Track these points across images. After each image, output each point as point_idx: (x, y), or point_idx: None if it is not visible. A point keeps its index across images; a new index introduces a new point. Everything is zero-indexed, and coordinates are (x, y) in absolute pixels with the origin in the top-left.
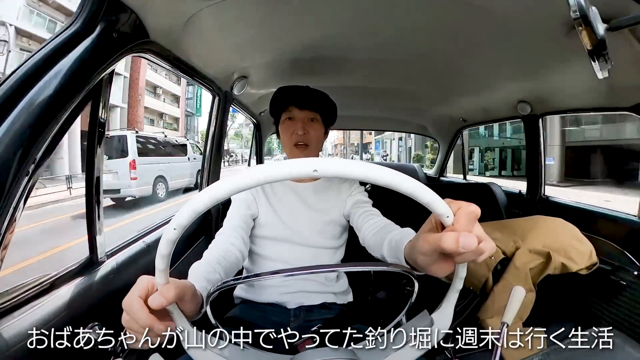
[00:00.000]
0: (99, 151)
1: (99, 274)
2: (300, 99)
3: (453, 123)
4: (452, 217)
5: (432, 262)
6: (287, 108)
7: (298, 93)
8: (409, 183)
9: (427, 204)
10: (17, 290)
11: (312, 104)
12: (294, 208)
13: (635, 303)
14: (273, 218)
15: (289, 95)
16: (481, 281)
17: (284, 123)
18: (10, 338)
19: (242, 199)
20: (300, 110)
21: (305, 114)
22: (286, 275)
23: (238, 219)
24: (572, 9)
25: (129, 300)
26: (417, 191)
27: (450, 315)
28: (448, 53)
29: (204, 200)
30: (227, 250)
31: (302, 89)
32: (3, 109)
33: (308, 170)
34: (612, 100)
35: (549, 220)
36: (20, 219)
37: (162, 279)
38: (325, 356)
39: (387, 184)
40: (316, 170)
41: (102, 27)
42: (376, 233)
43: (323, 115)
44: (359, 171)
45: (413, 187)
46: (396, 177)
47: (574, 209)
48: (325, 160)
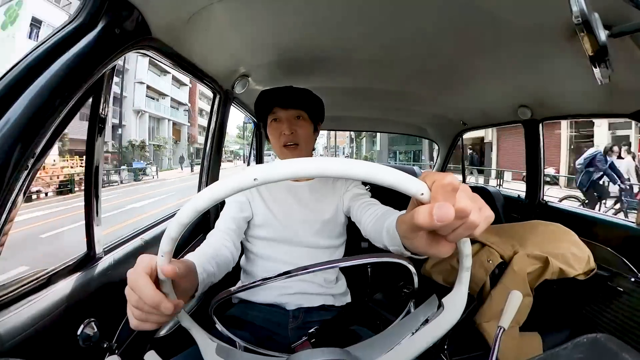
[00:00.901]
0: (98, 146)
1: (96, 270)
2: (283, 99)
3: (453, 126)
4: (428, 193)
5: (426, 244)
6: (271, 110)
7: (280, 93)
8: (366, 169)
9: (395, 185)
10: (14, 284)
11: (295, 102)
12: (290, 208)
13: (632, 309)
14: (269, 219)
15: (272, 96)
16: (479, 285)
17: (270, 125)
18: (6, 332)
19: (235, 200)
20: (284, 109)
21: (290, 113)
22: (286, 278)
23: (230, 221)
24: (574, 15)
25: (135, 275)
26: (378, 175)
27: (464, 297)
28: (450, 56)
29: (229, 186)
30: (219, 249)
31: (283, 89)
32: (4, 102)
33: (312, 169)
34: (612, 107)
35: (548, 226)
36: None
37: (165, 262)
38: (320, 357)
39: (340, 175)
40: (319, 170)
41: (105, 22)
42: (375, 222)
43: (309, 112)
44: (310, 168)
45: (374, 172)
46: (351, 166)
47: (573, 214)
48: (326, 159)
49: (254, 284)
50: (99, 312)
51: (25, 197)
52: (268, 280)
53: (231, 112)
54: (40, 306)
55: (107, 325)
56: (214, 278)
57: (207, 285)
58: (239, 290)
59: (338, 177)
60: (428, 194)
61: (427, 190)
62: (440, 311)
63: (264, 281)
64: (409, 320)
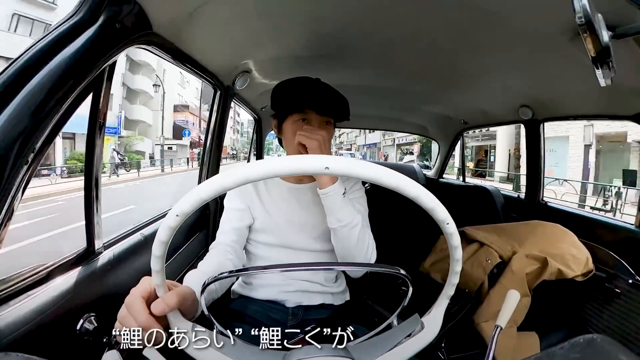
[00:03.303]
0: (99, 141)
1: (96, 265)
2: (321, 104)
3: (454, 125)
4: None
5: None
6: (303, 110)
7: (316, 95)
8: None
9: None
10: (14, 279)
11: (332, 109)
12: (291, 212)
13: (629, 311)
14: (269, 224)
15: (307, 95)
16: (477, 284)
17: (295, 123)
18: (5, 327)
19: (235, 209)
20: (318, 115)
21: (323, 119)
22: (283, 271)
23: (231, 233)
24: (577, 15)
25: (131, 299)
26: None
27: (439, 320)
28: (452, 55)
29: (209, 188)
30: (223, 263)
31: (317, 87)
32: (4, 97)
33: (319, 166)
34: (614, 109)
35: (547, 226)
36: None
37: (158, 280)
38: (317, 354)
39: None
40: (327, 168)
41: (105, 17)
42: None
43: (337, 118)
44: (366, 172)
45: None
46: (401, 180)
47: (572, 215)
48: (335, 158)
49: (243, 270)
50: (98, 307)
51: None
52: (256, 271)
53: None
54: (40, 301)
55: (107, 320)
56: (215, 295)
57: (210, 302)
58: (226, 276)
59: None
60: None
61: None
62: (420, 329)
63: (256, 269)
64: (395, 331)
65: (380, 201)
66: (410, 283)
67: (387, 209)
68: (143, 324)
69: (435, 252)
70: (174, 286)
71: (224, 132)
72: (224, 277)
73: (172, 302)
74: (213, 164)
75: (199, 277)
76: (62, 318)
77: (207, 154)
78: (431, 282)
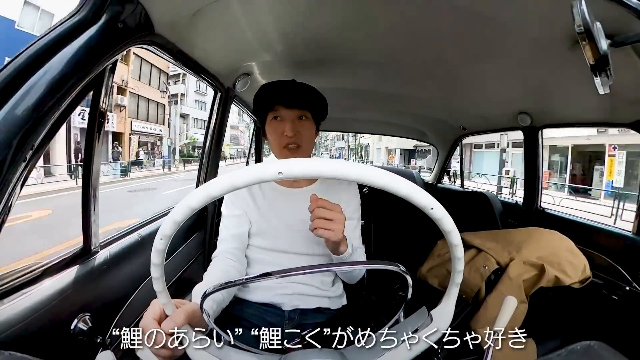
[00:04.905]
0: (98, 140)
1: (92, 264)
2: (288, 97)
3: (453, 131)
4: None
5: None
6: (273, 107)
7: (285, 90)
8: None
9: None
10: (8, 277)
11: (301, 102)
12: (287, 216)
13: (626, 318)
14: (265, 229)
15: (275, 92)
16: (474, 290)
17: (270, 123)
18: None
19: (232, 215)
20: (288, 109)
21: (294, 113)
22: (280, 277)
23: (231, 240)
24: (576, 23)
25: (146, 323)
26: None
27: (451, 312)
28: (451, 61)
29: (200, 198)
30: (228, 272)
31: (288, 85)
32: (4, 94)
33: (272, 172)
34: (612, 116)
35: (545, 233)
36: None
37: (163, 299)
38: (313, 357)
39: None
40: (281, 173)
41: (108, 16)
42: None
43: (313, 112)
44: (353, 172)
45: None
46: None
47: (570, 221)
48: (289, 161)
49: (236, 282)
50: (93, 307)
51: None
52: (251, 280)
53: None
54: (34, 299)
55: (101, 320)
56: (224, 304)
57: (218, 312)
58: (221, 288)
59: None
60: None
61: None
62: (428, 322)
63: (254, 279)
64: (400, 327)
65: (378, 207)
66: (410, 277)
67: (384, 214)
68: (158, 342)
69: (432, 258)
70: (181, 304)
71: (224, 134)
72: (218, 290)
73: (180, 320)
74: (212, 165)
75: (205, 288)
76: (56, 317)
77: (206, 156)
78: (428, 288)
